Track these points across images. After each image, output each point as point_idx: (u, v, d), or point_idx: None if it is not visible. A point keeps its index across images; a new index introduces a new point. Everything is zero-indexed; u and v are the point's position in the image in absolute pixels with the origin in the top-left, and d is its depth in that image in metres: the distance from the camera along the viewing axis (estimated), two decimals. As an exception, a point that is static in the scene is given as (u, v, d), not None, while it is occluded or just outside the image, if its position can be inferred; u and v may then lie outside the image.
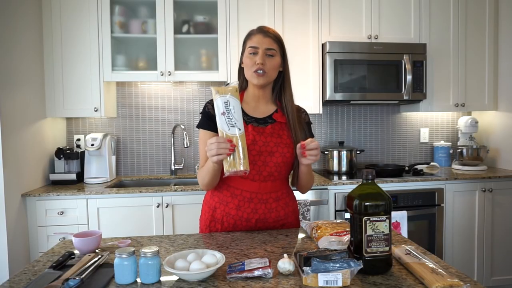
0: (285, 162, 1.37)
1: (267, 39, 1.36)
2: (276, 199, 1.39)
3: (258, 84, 1.38)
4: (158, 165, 2.99)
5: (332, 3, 2.76)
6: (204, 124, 1.40)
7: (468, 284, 0.88)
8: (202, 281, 0.96)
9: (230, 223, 1.39)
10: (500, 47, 2.98)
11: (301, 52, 2.73)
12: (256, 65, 1.35)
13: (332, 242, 1.14)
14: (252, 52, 1.36)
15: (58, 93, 2.57)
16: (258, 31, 1.39)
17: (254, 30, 1.41)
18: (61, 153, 2.59)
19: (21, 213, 2.25)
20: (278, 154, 1.36)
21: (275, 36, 1.39)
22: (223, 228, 1.40)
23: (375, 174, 1.04)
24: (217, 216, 1.41)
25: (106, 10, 2.56)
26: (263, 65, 1.34)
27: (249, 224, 1.38)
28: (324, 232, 1.21)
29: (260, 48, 1.35)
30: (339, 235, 1.16)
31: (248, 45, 1.38)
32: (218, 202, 1.41)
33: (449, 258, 2.64)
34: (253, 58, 1.36)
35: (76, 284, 0.90)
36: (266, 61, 1.35)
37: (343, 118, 3.17)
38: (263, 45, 1.35)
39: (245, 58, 1.39)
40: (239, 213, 1.37)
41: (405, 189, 2.58)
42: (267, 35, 1.37)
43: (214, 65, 2.78)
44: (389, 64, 2.74)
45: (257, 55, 1.35)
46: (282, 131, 1.39)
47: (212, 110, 1.38)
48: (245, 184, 1.36)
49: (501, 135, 3.00)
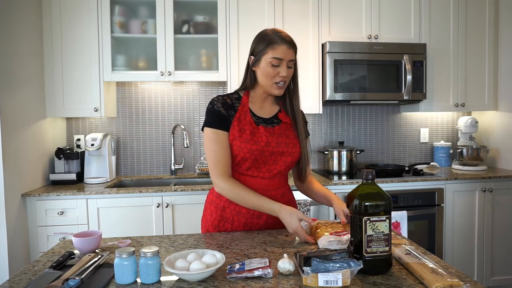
0: (293, 162, 1.42)
1: (291, 51, 1.34)
2: (282, 195, 1.43)
3: (279, 95, 1.40)
4: (158, 165, 2.99)
5: (332, 3, 2.76)
6: (214, 123, 1.35)
7: (468, 284, 0.88)
8: (202, 281, 0.96)
9: (241, 222, 1.40)
10: (500, 47, 2.98)
11: (301, 52, 2.73)
12: (279, 77, 1.34)
13: (331, 241, 1.14)
14: (276, 64, 1.33)
15: (58, 93, 2.57)
16: (282, 41, 1.32)
17: (276, 38, 1.33)
18: (61, 153, 2.59)
19: (21, 213, 2.25)
20: (288, 153, 1.39)
21: (295, 45, 1.37)
22: (233, 227, 1.40)
23: (375, 174, 1.04)
24: (227, 215, 1.40)
25: (106, 10, 2.56)
26: (286, 77, 1.35)
27: (260, 222, 1.40)
28: (323, 231, 1.21)
29: (285, 60, 1.33)
30: (339, 235, 1.17)
31: (272, 55, 1.32)
32: (227, 202, 1.40)
33: (449, 258, 2.64)
34: (276, 69, 1.33)
35: (76, 284, 0.90)
36: (288, 72, 1.35)
37: (343, 118, 3.17)
38: (287, 56, 1.33)
39: (266, 66, 1.34)
40: (251, 211, 1.38)
41: (405, 189, 2.58)
42: (291, 47, 1.34)
43: (214, 65, 2.78)
44: (389, 64, 2.74)
45: (280, 67, 1.33)
46: (288, 131, 1.42)
47: (222, 108, 1.36)
48: (255, 182, 1.38)
49: (501, 135, 3.00)
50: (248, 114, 1.38)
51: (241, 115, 1.37)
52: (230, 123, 1.35)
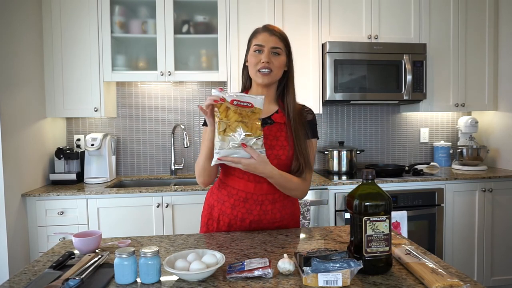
0: (280, 165, 1.31)
1: (273, 38, 1.34)
2: (272, 201, 1.36)
3: (263, 83, 1.36)
4: (158, 165, 2.99)
5: (332, 3, 2.76)
6: None
7: (468, 284, 0.88)
8: (202, 281, 0.96)
9: (225, 222, 1.38)
10: (500, 47, 2.98)
11: (301, 52, 2.73)
12: (261, 63, 1.33)
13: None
14: (257, 49, 1.34)
15: (58, 93, 2.57)
16: (264, 30, 1.36)
17: (259, 28, 1.39)
18: (61, 153, 2.59)
19: (21, 213, 2.25)
20: (273, 156, 1.31)
21: (281, 35, 1.37)
22: (219, 227, 1.40)
23: (375, 174, 1.04)
24: (214, 214, 1.41)
25: (106, 10, 2.56)
26: (269, 64, 1.33)
27: (244, 224, 1.37)
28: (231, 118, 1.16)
29: (266, 46, 1.33)
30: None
31: (254, 43, 1.36)
32: (216, 201, 1.41)
33: (449, 258, 2.64)
34: (258, 56, 1.34)
35: (76, 284, 0.90)
36: (272, 59, 1.33)
37: (343, 118, 3.17)
38: (269, 43, 1.33)
39: (250, 56, 1.36)
40: (234, 213, 1.37)
41: (405, 189, 2.58)
42: (273, 34, 1.35)
43: (214, 65, 2.78)
44: (389, 64, 2.74)
45: (262, 53, 1.33)
46: (279, 132, 1.36)
47: None
48: (241, 184, 1.35)
49: (501, 135, 3.00)
50: None
51: None
52: None
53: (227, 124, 1.15)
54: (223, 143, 1.15)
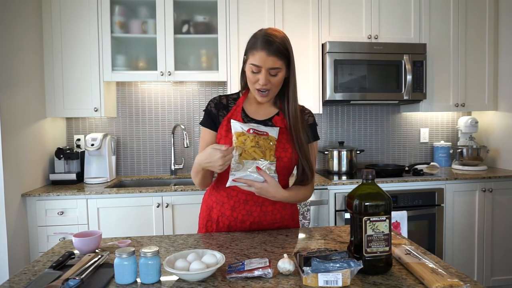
0: (281, 167, 1.31)
1: (271, 58, 1.23)
2: (272, 202, 1.35)
3: (262, 102, 1.36)
4: (158, 165, 2.99)
5: (332, 3, 2.76)
6: (205, 121, 1.40)
7: (468, 284, 0.88)
8: (202, 281, 0.96)
9: (225, 224, 1.38)
10: (500, 47, 2.98)
11: (301, 52, 2.73)
12: (258, 85, 1.28)
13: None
14: (256, 71, 1.26)
15: (58, 93, 2.57)
16: (261, 47, 1.23)
17: (257, 43, 1.24)
18: (61, 153, 2.59)
19: (21, 213, 2.25)
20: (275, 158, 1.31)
21: (280, 50, 1.24)
22: (218, 229, 1.40)
23: (375, 174, 1.04)
24: (213, 216, 1.41)
25: (106, 10, 2.56)
26: (266, 85, 1.27)
27: (244, 226, 1.37)
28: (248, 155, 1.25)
29: (263, 67, 1.24)
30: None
31: (251, 61, 1.26)
32: (215, 202, 1.41)
33: (449, 258, 2.64)
34: (256, 76, 1.27)
35: (76, 284, 0.90)
36: (269, 79, 1.27)
37: (343, 118, 3.17)
38: (266, 64, 1.23)
39: (248, 72, 1.29)
40: (234, 214, 1.36)
41: (405, 189, 2.58)
42: (270, 54, 1.22)
43: (214, 65, 2.78)
44: (389, 64, 2.74)
45: (259, 74, 1.26)
46: (281, 135, 1.33)
47: (214, 108, 1.38)
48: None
49: (501, 135, 3.00)
50: (239, 114, 1.35)
51: (232, 115, 1.35)
52: (219, 123, 1.36)
53: (243, 149, 1.25)
54: (238, 165, 1.25)
